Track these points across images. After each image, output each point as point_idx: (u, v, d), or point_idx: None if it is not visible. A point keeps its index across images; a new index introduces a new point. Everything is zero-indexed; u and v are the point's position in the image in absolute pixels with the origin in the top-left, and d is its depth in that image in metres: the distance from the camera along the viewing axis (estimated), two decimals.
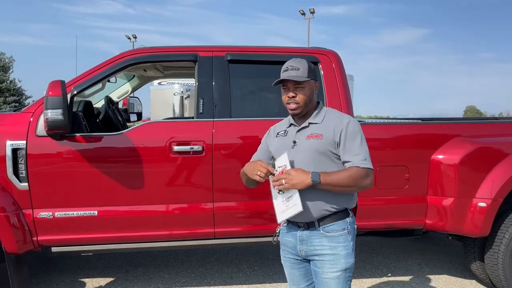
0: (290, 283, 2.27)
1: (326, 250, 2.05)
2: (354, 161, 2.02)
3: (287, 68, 2.14)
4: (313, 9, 31.96)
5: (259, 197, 3.25)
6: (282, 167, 2.03)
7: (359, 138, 2.07)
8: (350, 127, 2.07)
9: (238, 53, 3.40)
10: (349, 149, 2.05)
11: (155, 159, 3.13)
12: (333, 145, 2.06)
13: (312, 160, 2.05)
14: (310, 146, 2.07)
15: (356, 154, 2.03)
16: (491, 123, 4.03)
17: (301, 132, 2.14)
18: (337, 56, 3.53)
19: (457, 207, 3.29)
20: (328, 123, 2.10)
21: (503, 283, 3.38)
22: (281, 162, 2.05)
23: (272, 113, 3.57)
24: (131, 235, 3.16)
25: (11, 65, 22.78)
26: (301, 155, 2.07)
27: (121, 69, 3.31)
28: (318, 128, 2.10)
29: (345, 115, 2.17)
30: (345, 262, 2.05)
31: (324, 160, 2.06)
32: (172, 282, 3.84)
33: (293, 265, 2.21)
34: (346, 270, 2.05)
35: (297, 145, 2.12)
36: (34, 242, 3.05)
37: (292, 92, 2.11)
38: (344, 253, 2.05)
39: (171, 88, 13.72)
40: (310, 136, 2.10)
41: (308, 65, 2.13)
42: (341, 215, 2.08)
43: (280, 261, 2.30)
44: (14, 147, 2.96)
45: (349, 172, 2.01)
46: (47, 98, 2.80)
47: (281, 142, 2.19)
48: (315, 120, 2.14)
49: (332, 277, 2.04)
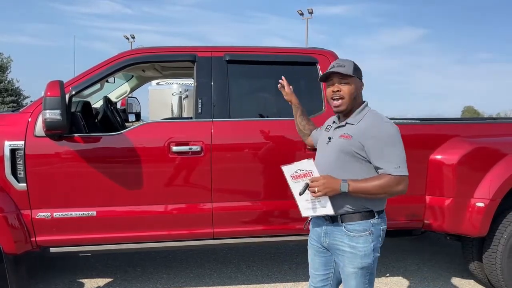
0: (311, 268, 2.36)
1: (346, 247, 2.12)
2: (386, 168, 2.02)
3: (333, 65, 2.18)
4: (311, 9, 32.03)
5: (258, 197, 3.26)
6: (304, 171, 2.09)
7: (393, 143, 2.04)
8: (384, 134, 2.05)
9: (236, 53, 3.40)
10: (380, 155, 2.03)
11: (154, 160, 3.12)
12: (359, 147, 2.07)
13: (337, 160, 2.10)
14: (338, 146, 2.12)
15: (388, 161, 2.02)
16: (489, 123, 4.04)
17: (337, 130, 2.19)
18: (335, 56, 3.53)
19: (455, 207, 3.29)
20: (363, 125, 2.11)
21: (501, 283, 3.39)
22: (304, 166, 2.10)
23: (271, 113, 3.59)
24: (130, 236, 3.16)
25: (9, 65, 22.71)
26: (328, 153, 2.15)
27: (119, 69, 3.31)
28: (351, 129, 2.13)
29: (382, 121, 2.13)
30: (361, 262, 2.10)
31: (348, 160, 2.09)
32: (171, 283, 3.84)
33: (316, 253, 2.31)
34: (363, 269, 2.12)
35: (330, 142, 2.19)
36: (32, 243, 3.05)
37: (336, 86, 2.14)
38: (362, 254, 2.10)
39: (170, 88, 13.71)
40: (343, 135, 2.13)
41: (354, 65, 2.18)
42: (365, 216, 2.10)
43: (278, 261, 2.33)
44: (12, 148, 2.96)
45: (379, 180, 2.02)
46: (46, 99, 2.80)
47: (322, 135, 2.31)
48: (352, 121, 2.15)
49: (351, 272, 2.13)
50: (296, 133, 3.27)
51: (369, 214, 2.11)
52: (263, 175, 3.23)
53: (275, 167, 3.20)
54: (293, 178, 2.15)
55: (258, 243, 3.42)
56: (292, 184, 2.17)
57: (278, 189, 3.27)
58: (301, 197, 2.13)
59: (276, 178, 3.20)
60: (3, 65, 22.17)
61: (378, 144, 2.04)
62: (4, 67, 22.19)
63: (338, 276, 2.28)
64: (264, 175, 3.23)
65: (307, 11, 32.08)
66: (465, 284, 3.85)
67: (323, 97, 3.38)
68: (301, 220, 3.31)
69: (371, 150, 2.05)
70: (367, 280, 2.15)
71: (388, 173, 2.01)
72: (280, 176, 3.24)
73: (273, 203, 3.28)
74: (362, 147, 2.06)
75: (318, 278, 2.30)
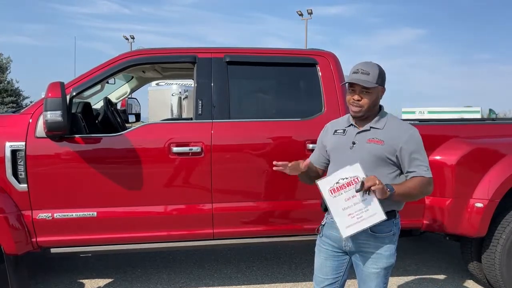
0: (318, 273, 2.30)
1: (371, 249, 2.13)
2: (419, 172, 2.10)
3: (357, 71, 2.12)
4: (311, 10, 32.05)
5: (258, 198, 3.27)
6: (349, 179, 2.00)
7: (421, 148, 2.14)
8: (414, 138, 2.13)
9: (236, 54, 3.41)
10: (413, 160, 2.11)
11: (154, 160, 3.13)
12: (392, 153, 2.11)
13: (371, 163, 2.10)
14: (370, 151, 2.12)
15: (420, 165, 2.11)
16: (488, 124, 4.05)
17: (361, 134, 2.17)
18: (335, 58, 3.54)
19: (454, 207, 3.31)
20: (391, 131, 2.14)
21: (500, 283, 3.40)
22: (349, 173, 2.01)
23: (270, 114, 3.60)
24: (130, 236, 3.17)
25: (8, 65, 22.67)
26: (359, 157, 2.10)
27: (120, 71, 3.33)
28: (379, 134, 2.14)
29: (407, 125, 2.21)
30: (386, 261, 2.14)
31: (380, 164, 2.12)
32: (171, 283, 3.85)
33: (328, 257, 2.25)
34: (387, 268, 2.15)
35: (356, 146, 2.16)
36: (33, 243, 3.05)
37: (358, 95, 2.13)
38: (387, 254, 2.14)
39: (169, 89, 13.72)
40: (371, 140, 2.13)
41: (379, 71, 2.13)
42: (389, 216, 2.10)
43: (278, 262, 2.32)
44: (13, 149, 2.96)
45: (415, 182, 2.09)
46: (47, 100, 2.81)
47: (339, 141, 2.23)
48: (377, 126, 2.16)
49: (372, 272, 2.14)
50: (296, 133, 3.30)
51: (391, 214, 2.14)
52: (263, 175, 3.24)
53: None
54: (332, 192, 2.03)
55: (258, 243, 3.44)
56: (331, 200, 2.03)
57: (278, 189, 3.29)
58: (343, 213, 2.01)
59: (276, 178, 3.23)
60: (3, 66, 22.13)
61: (411, 149, 2.11)
62: (3, 68, 22.15)
63: (345, 279, 2.29)
64: (264, 175, 3.24)
65: (306, 12, 32.12)
66: (464, 284, 3.86)
67: (322, 98, 3.39)
68: (300, 221, 3.35)
69: (405, 155, 2.11)
70: (387, 280, 2.18)
71: (420, 176, 2.10)
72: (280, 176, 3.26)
73: (273, 203, 3.29)
74: (394, 152, 2.11)
75: (326, 282, 2.26)
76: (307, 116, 3.33)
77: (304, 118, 3.33)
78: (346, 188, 2.01)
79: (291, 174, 2.19)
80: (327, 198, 2.04)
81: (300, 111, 3.39)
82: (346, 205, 2.02)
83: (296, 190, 3.29)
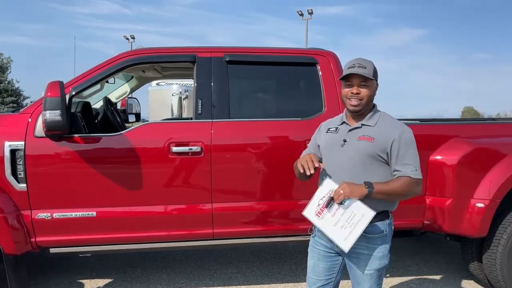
0: (311, 274, 2.30)
1: (364, 250, 2.11)
2: (405, 171, 2.07)
3: (353, 65, 2.12)
4: (311, 10, 32.02)
5: (258, 198, 3.26)
6: (326, 196, 2.04)
7: (411, 147, 2.11)
8: (404, 137, 2.10)
9: (236, 54, 3.40)
10: (401, 159, 2.08)
11: (154, 160, 3.12)
12: (383, 150, 2.09)
13: (361, 161, 2.09)
14: (360, 148, 2.10)
15: (407, 164, 2.08)
16: (489, 124, 4.04)
17: (352, 132, 2.16)
18: (335, 57, 3.53)
19: (455, 207, 3.29)
20: (382, 128, 2.12)
21: (501, 283, 3.39)
22: (324, 191, 2.06)
23: (270, 114, 3.59)
24: (130, 236, 3.16)
25: (8, 65, 22.67)
26: (350, 155, 2.10)
27: (120, 70, 3.32)
28: (370, 131, 2.12)
29: (399, 123, 2.19)
30: (379, 263, 2.12)
31: (372, 162, 2.10)
32: (171, 283, 3.84)
33: (321, 257, 2.25)
34: (379, 270, 2.14)
35: (347, 144, 2.14)
36: (32, 243, 3.05)
37: (356, 88, 2.12)
38: (380, 255, 2.12)
39: (170, 89, 13.72)
40: (362, 137, 2.12)
41: (374, 67, 2.15)
42: (381, 217, 2.11)
43: (278, 262, 2.31)
44: (12, 148, 2.96)
45: (400, 182, 2.06)
46: (46, 99, 2.80)
47: (331, 138, 2.22)
48: (369, 123, 2.15)
49: (365, 274, 2.13)
50: (296, 133, 3.28)
51: (384, 215, 2.13)
52: (263, 175, 3.23)
53: (275, 168, 3.22)
54: (318, 215, 2.06)
55: (258, 243, 3.42)
56: (321, 222, 2.06)
57: (278, 189, 3.28)
58: (336, 228, 2.03)
59: (276, 178, 3.22)
60: (3, 66, 22.13)
61: (400, 147, 2.08)
62: (4, 68, 22.15)
63: (339, 279, 2.28)
64: (264, 175, 3.22)
65: (306, 12, 32.10)
66: (465, 284, 3.85)
67: (323, 98, 3.38)
68: (300, 221, 3.33)
69: (393, 153, 2.09)
70: (380, 281, 2.17)
71: (406, 176, 2.07)
72: (280, 176, 3.26)
73: (273, 203, 3.28)
74: (384, 149, 2.09)
75: (319, 284, 2.26)
76: (308, 116, 3.32)
77: (304, 118, 3.32)
78: (330, 205, 2.04)
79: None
80: (317, 223, 2.08)
81: (300, 111, 3.38)
82: (335, 221, 2.04)
83: (296, 190, 3.28)
